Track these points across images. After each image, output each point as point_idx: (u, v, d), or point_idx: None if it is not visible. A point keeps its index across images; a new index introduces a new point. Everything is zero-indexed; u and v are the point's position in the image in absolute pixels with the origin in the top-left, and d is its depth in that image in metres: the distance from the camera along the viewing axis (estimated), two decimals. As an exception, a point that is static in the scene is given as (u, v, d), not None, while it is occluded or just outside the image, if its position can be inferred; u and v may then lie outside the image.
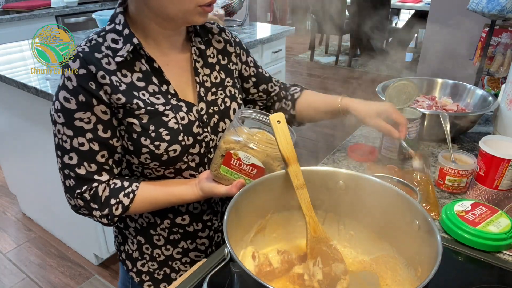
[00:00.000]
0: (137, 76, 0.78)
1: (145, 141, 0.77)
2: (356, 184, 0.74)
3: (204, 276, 0.68)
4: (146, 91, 0.78)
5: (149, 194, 0.82)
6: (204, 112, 0.85)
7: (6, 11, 3.39)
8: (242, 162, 0.73)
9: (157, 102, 0.79)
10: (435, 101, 1.31)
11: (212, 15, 2.47)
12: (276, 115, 0.71)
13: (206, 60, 0.89)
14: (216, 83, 0.89)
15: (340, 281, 0.67)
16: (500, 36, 2.39)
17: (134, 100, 0.76)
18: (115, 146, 0.80)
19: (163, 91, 0.80)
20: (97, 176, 0.79)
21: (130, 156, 0.81)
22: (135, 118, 0.77)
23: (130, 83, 0.77)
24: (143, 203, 0.82)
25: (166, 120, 0.79)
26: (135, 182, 0.82)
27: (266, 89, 1.05)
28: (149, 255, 0.93)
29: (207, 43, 0.90)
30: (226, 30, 0.97)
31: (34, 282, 2.02)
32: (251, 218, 0.73)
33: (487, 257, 0.79)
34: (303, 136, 3.53)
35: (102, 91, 0.74)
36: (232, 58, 0.95)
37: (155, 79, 0.80)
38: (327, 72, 5.29)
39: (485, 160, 0.96)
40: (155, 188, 0.82)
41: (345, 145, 1.22)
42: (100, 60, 0.75)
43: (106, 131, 0.77)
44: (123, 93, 0.76)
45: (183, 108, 0.82)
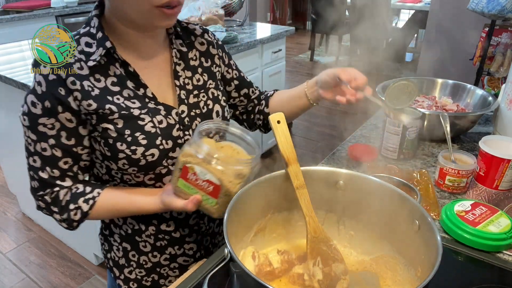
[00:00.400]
0: (111, 80, 0.77)
1: (121, 146, 0.76)
2: (356, 184, 0.74)
3: (204, 276, 0.68)
4: (121, 96, 0.77)
5: (110, 202, 0.80)
6: (185, 115, 0.83)
7: (6, 11, 3.39)
8: (198, 177, 0.69)
9: (133, 106, 0.77)
10: (435, 101, 1.31)
11: (212, 15, 2.47)
12: (276, 115, 0.71)
13: (188, 62, 0.87)
14: (198, 86, 0.87)
15: (340, 281, 0.67)
16: (500, 36, 2.39)
17: (107, 106, 0.75)
18: (80, 154, 0.79)
19: (140, 95, 0.79)
20: (60, 181, 0.79)
21: (109, 162, 0.80)
22: (110, 123, 0.76)
23: (103, 88, 0.76)
24: (103, 210, 0.81)
25: (142, 124, 0.77)
26: (98, 189, 0.81)
27: (247, 94, 1.03)
28: (135, 262, 0.92)
29: (189, 45, 0.89)
30: (209, 31, 0.95)
31: (34, 282, 2.02)
32: (251, 218, 0.73)
33: (487, 257, 0.79)
34: (303, 136, 3.53)
35: (71, 97, 0.73)
36: (215, 60, 0.94)
37: (130, 83, 0.78)
38: (327, 72, 5.28)
39: (485, 160, 0.97)
40: (118, 196, 0.81)
41: (345, 145, 1.22)
42: (72, 64, 0.74)
43: (69, 138, 0.76)
44: (95, 98, 0.74)
45: (161, 112, 0.80)
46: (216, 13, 2.52)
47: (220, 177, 0.68)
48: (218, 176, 0.69)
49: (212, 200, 0.71)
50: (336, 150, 1.20)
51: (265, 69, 2.65)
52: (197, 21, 2.42)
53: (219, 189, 0.69)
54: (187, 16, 2.46)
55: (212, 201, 0.71)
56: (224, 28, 2.36)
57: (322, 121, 3.83)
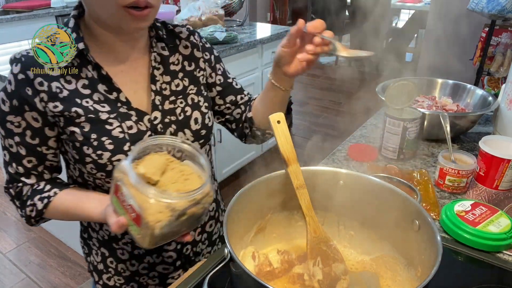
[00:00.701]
0: (82, 83, 0.75)
1: (87, 150, 0.75)
2: (356, 184, 0.74)
3: (204, 276, 0.68)
4: (91, 99, 0.75)
5: (62, 204, 0.79)
6: (159, 122, 0.81)
7: (6, 11, 3.39)
8: (124, 199, 0.61)
9: (101, 110, 0.76)
10: (435, 101, 1.31)
11: (212, 15, 2.47)
12: (276, 115, 0.71)
13: (168, 67, 0.84)
14: (176, 91, 0.84)
15: (340, 281, 0.67)
16: (500, 36, 2.40)
17: (73, 108, 0.74)
18: (45, 154, 0.79)
19: (111, 99, 0.77)
20: (24, 178, 0.80)
21: (79, 165, 0.79)
22: (76, 127, 0.75)
23: (73, 90, 0.75)
24: (56, 211, 0.80)
25: (109, 129, 0.75)
26: (57, 189, 0.80)
27: (234, 100, 0.96)
28: (114, 269, 0.90)
29: (172, 49, 0.86)
30: (196, 33, 0.92)
31: (34, 282, 2.02)
32: (251, 218, 0.73)
33: (487, 257, 0.79)
34: (303, 136, 3.53)
35: (37, 98, 0.73)
36: (200, 63, 0.90)
37: (102, 86, 0.76)
38: (327, 72, 5.29)
39: (485, 160, 0.97)
40: (71, 199, 0.79)
41: (345, 145, 1.22)
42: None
43: (34, 138, 0.76)
44: (62, 100, 0.73)
45: (132, 117, 0.78)
46: (216, 13, 2.52)
47: (141, 206, 0.59)
48: (139, 204, 0.59)
49: (136, 228, 0.62)
50: (336, 150, 1.20)
51: (265, 69, 2.65)
52: (197, 21, 2.42)
53: (139, 219, 0.60)
54: (187, 16, 2.46)
55: (135, 229, 0.62)
56: (224, 28, 2.36)
57: (322, 121, 3.83)
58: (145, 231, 0.60)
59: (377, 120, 1.39)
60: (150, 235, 0.60)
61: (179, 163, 0.66)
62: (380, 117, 1.39)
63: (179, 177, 0.64)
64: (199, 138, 0.86)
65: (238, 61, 2.37)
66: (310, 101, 4.32)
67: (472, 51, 2.63)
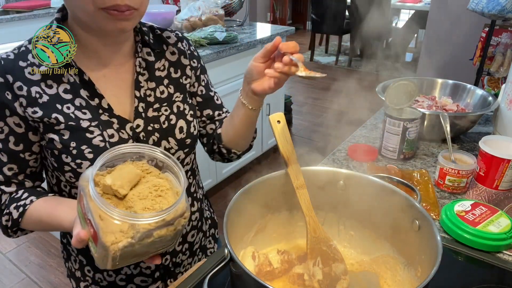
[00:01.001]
0: (64, 87, 0.73)
1: (66, 159, 0.72)
2: (356, 184, 0.74)
3: (204, 276, 0.68)
4: (72, 105, 0.73)
5: (36, 212, 0.74)
6: (141, 130, 0.78)
7: (6, 11, 3.39)
8: (85, 211, 0.55)
9: (82, 117, 0.73)
10: (435, 101, 1.31)
11: (212, 15, 2.47)
12: (276, 115, 0.71)
13: (153, 73, 0.82)
14: (161, 99, 0.82)
15: (340, 281, 0.67)
16: (500, 36, 2.39)
17: (53, 114, 0.71)
18: (27, 160, 0.76)
19: (93, 105, 0.74)
20: (4, 187, 0.76)
21: (57, 173, 0.76)
22: (55, 134, 0.72)
23: (54, 95, 0.72)
24: (31, 220, 0.75)
25: (90, 137, 0.73)
26: (33, 197, 0.75)
27: (210, 115, 0.93)
28: (91, 278, 0.88)
29: (158, 54, 0.83)
30: (185, 40, 0.89)
31: (34, 282, 2.01)
32: (251, 218, 0.73)
33: (487, 257, 0.79)
34: (303, 136, 3.53)
35: (17, 103, 0.71)
36: (187, 71, 0.87)
37: (84, 91, 0.74)
38: (327, 72, 5.28)
39: (485, 160, 0.96)
40: (46, 206, 0.74)
41: (345, 145, 1.22)
42: (24, 69, 0.71)
43: (18, 144, 0.74)
44: (42, 106, 0.71)
45: (114, 125, 0.75)
46: (216, 13, 2.52)
47: (97, 223, 0.52)
48: (96, 221, 0.52)
49: (93, 245, 0.56)
50: (336, 150, 1.20)
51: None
52: (197, 21, 2.42)
53: (95, 236, 0.54)
54: (187, 16, 2.46)
55: (94, 246, 0.56)
56: (224, 28, 2.36)
57: (322, 121, 3.83)
58: (102, 251, 0.54)
59: (377, 120, 1.39)
60: (107, 257, 0.54)
61: (157, 176, 0.60)
62: (380, 117, 1.39)
63: (151, 193, 0.57)
64: (183, 147, 0.84)
65: (238, 61, 2.37)
66: (310, 101, 4.32)
67: (472, 51, 2.63)
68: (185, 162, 0.87)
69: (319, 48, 6.18)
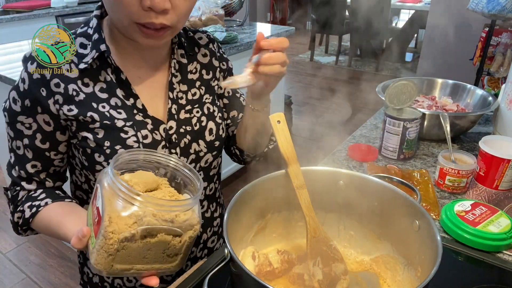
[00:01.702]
0: (100, 86, 0.72)
1: (99, 158, 0.71)
2: (356, 184, 0.74)
3: (204, 276, 0.68)
4: (108, 104, 0.72)
5: (48, 216, 0.71)
6: (174, 131, 0.77)
7: (6, 11, 3.39)
8: (96, 202, 0.54)
9: (118, 117, 0.72)
10: (435, 101, 1.31)
11: (212, 15, 2.47)
12: (275, 115, 0.70)
13: (186, 75, 0.81)
14: (192, 100, 0.81)
15: (340, 281, 0.67)
16: (500, 36, 2.39)
17: (89, 113, 0.70)
18: (52, 159, 0.75)
19: (129, 105, 0.73)
20: (25, 183, 0.76)
21: (87, 172, 0.75)
22: (89, 132, 0.71)
23: (90, 94, 0.71)
24: (41, 223, 0.73)
25: (124, 137, 0.72)
26: (49, 199, 0.73)
27: (235, 117, 0.92)
28: (109, 284, 0.85)
29: (190, 57, 0.83)
30: (215, 41, 0.89)
31: (34, 282, 2.01)
32: (251, 218, 0.73)
33: (487, 257, 0.79)
34: (303, 136, 3.53)
35: (52, 100, 0.70)
36: (217, 73, 0.87)
37: (120, 91, 0.73)
38: (327, 72, 5.29)
39: (485, 160, 0.96)
40: (59, 212, 0.71)
41: (345, 145, 1.22)
42: (61, 66, 0.70)
43: (44, 142, 0.73)
44: (78, 104, 0.70)
45: (148, 126, 0.75)
46: (216, 13, 2.52)
47: (105, 207, 0.50)
48: (106, 205, 0.51)
49: (93, 239, 0.53)
50: (336, 150, 1.20)
51: (265, 69, 2.65)
52: (197, 21, 2.42)
53: (100, 224, 0.51)
54: (187, 16, 2.46)
55: (93, 241, 0.53)
56: (224, 28, 2.36)
57: (322, 121, 3.83)
58: (100, 241, 0.51)
59: (377, 120, 1.39)
60: (104, 249, 0.51)
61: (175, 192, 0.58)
62: (380, 117, 1.39)
63: (164, 196, 0.56)
64: (212, 149, 0.83)
65: (238, 61, 2.37)
66: (310, 101, 4.32)
67: (472, 51, 2.63)
68: (212, 165, 0.86)
69: (319, 48, 6.18)
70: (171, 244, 0.54)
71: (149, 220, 0.51)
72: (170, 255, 0.56)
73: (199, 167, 0.83)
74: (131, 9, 0.63)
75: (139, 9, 0.63)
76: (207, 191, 0.90)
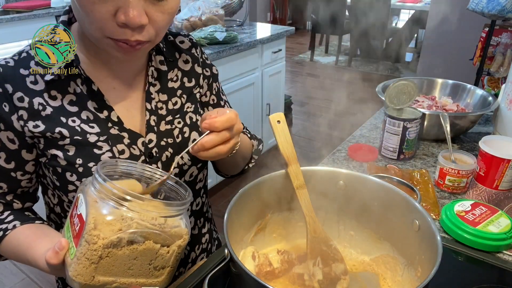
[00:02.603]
0: (69, 99, 0.66)
1: (71, 177, 0.66)
2: (356, 184, 0.74)
3: (204, 276, 0.68)
4: (78, 118, 0.66)
5: (15, 240, 0.65)
6: (154, 145, 0.72)
7: (6, 11, 3.38)
8: (77, 210, 0.50)
9: (90, 131, 0.66)
10: (435, 101, 1.31)
11: (212, 15, 2.47)
12: (275, 115, 0.70)
13: (166, 83, 0.75)
14: (173, 110, 0.75)
15: (340, 281, 0.67)
16: (500, 36, 2.39)
17: (57, 129, 0.65)
18: (19, 180, 0.69)
19: (102, 118, 0.68)
20: None
21: (60, 192, 0.69)
22: (59, 150, 0.65)
23: (59, 107, 0.65)
24: (8, 248, 0.66)
25: (98, 153, 0.66)
26: (17, 222, 0.67)
27: None
28: None
29: (171, 64, 0.77)
30: (199, 46, 0.83)
31: (34, 282, 2.01)
32: (251, 218, 0.73)
33: (487, 257, 0.79)
34: (303, 136, 3.53)
35: (15, 116, 0.64)
36: (200, 80, 0.81)
37: (91, 103, 0.67)
38: (327, 72, 5.29)
39: (485, 160, 0.96)
40: (26, 236, 0.65)
41: (345, 145, 1.22)
42: (25, 77, 0.64)
43: (9, 161, 0.66)
44: (44, 119, 0.65)
45: (125, 140, 0.69)
46: (216, 13, 2.52)
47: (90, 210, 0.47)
48: (90, 208, 0.47)
49: (73, 249, 0.49)
50: (336, 150, 1.20)
51: (265, 69, 2.65)
52: (197, 21, 2.42)
53: (82, 229, 0.48)
54: (187, 16, 2.46)
55: (73, 251, 0.49)
56: (224, 28, 2.36)
57: (322, 121, 3.83)
58: (83, 248, 0.47)
59: (377, 120, 1.39)
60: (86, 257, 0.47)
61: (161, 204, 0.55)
62: (380, 117, 1.39)
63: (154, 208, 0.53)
64: (197, 161, 0.79)
65: (238, 61, 2.37)
66: (310, 101, 4.32)
67: (472, 51, 2.63)
68: (198, 178, 0.82)
69: (319, 48, 6.18)
70: (159, 253, 0.51)
71: (137, 224, 0.48)
72: (157, 268, 0.53)
73: (183, 182, 0.77)
74: (104, 24, 0.57)
75: (113, 25, 0.57)
76: (193, 206, 0.85)
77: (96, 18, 0.57)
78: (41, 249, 0.60)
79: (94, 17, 0.57)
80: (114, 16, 0.57)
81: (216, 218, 1.09)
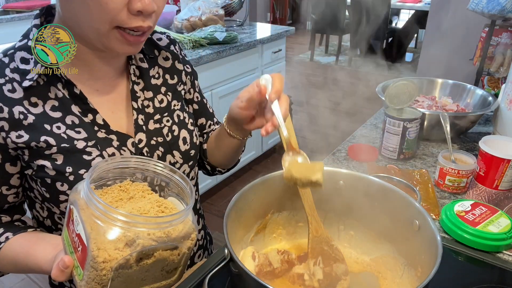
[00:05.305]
0: (51, 104, 0.63)
1: (62, 187, 0.63)
2: (356, 184, 0.74)
3: (204, 276, 0.68)
4: (63, 123, 0.64)
5: (12, 251, 0.63)
6: (144, 145, 0.71)
7: (6, 11, 3.38)
8: (74, 227, 0.47)
9: (77, 137, 0.64)
10: (435, 101, 1.31)
11: (212, 15, 2.47)
12: None
13: (149, 80, 0.74)
14: (161, 108, 0.74)
15: (341, 281, 0.67)
16: (500, 36, 2.39)
17: (42, 137, 0.62)
18: (5, 195, 0.66)
19: (87, 122, 0.66)
20: None
21: (49, 205, 0.67)
22: (46, 159, 0.62)
23: (41, 114, 0.62)
24: (5, 261, 0.65)
25: (88, 159, 0.64)
26: (10, 233, 0.65)
27: (203, 125, 0.87)
28: None
29: (151, 61, 0.76)
30: (177, 43, 0.82)
31: (34, 282, 2.01)
32: (251, 218, 0.73)
33: (487, 257, 0.79)
34: (303, 136, 3.53)
35: None
36: (182, 76, 0.81)
37: (75, 107, 0.65)
38: (327, 72, 5.29)
39: (485, 160, 0.96)
40: (24, 243, 0.63)
41: (345, 145, 1.22)
42: (2, 86, 0.61)
43: None
44: (27, 128, 0.61)
45: (114, 143, 0.67)
46: (216, 13, 2.52)
47: (90, 234, 0.44)
48: (88, 232, 0.44)
49: (80, 270, 0.47)
50: (336, 150, 1.20)
51: (265, 69, 2.65)
52: (197, 21, 2.42)
53: (85, 252, 0.44)
54: (187, 16, 2.46)
55: (80, 272, 0.47)
56: (224, 28, 2.36)
57: (322, 121, 3.83)
58: (90, 273, 0.44)
59: (377, 120, 1.39)
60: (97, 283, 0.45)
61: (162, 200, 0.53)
62: (380, 117, 1.39)
63: (153, 208, 0.50)
64: (188, 160, 0.78)
65: (238, 61, 2.37)
66: (310, 101, 4.32)
67: (472, 51, 2.63)
68: (190, 176, 0.81)
69: (319, 48, 6.18)
70: (170, 259, 0.49)
71: (143, 241, 0.45)
72: (169, 271, 0.52)
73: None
74: (118, 15, 0.58)
75: (126, 13, 0.59)
76: None
77: (110, 9, 0.58)
78: (41, 253, 0.59)
79: (107, 8, 0.57)
80: (127, 7, 0.59)
81: (216, 218, 1.09)
